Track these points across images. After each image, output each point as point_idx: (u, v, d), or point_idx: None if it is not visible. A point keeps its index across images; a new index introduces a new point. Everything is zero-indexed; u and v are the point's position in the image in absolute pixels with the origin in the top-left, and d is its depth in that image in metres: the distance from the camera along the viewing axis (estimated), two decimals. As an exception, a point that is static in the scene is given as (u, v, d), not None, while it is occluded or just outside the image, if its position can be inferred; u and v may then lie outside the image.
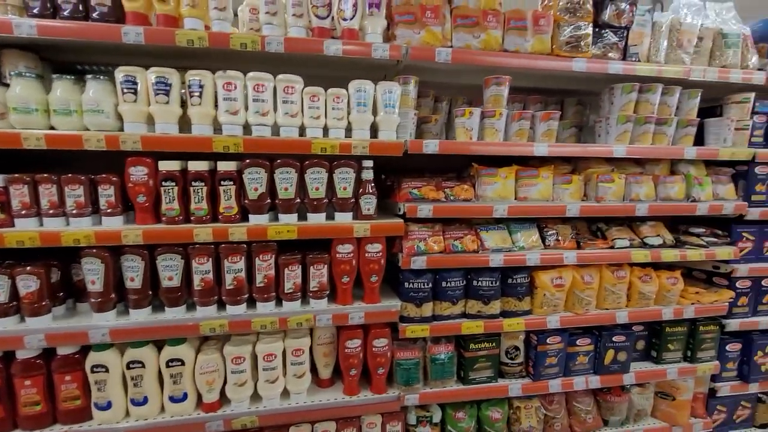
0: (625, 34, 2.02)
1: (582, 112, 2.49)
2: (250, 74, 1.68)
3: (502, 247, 2.04)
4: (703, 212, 2.22)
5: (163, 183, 1.68)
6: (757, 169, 2.30)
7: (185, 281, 1.78)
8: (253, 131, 1.73)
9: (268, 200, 1.79)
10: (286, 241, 1.81)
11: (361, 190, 1.87)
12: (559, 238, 2.16)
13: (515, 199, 2.09)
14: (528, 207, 2.03)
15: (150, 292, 1.77)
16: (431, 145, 1.87)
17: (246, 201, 1.77)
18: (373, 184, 1.89)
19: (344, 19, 1.77)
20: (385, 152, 1.84)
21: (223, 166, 1.72)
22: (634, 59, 2.05)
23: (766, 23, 2.23)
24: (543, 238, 2.16)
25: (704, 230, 2.36)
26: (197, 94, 1.65)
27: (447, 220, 2.11)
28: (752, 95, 2.21)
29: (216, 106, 1.70)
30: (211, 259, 1.76)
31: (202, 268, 1.76)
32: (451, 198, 1.99)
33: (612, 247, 2.18)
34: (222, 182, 1.73)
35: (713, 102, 2.35)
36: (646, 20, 2.03)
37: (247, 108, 1.72)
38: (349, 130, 1.85)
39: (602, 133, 2.19)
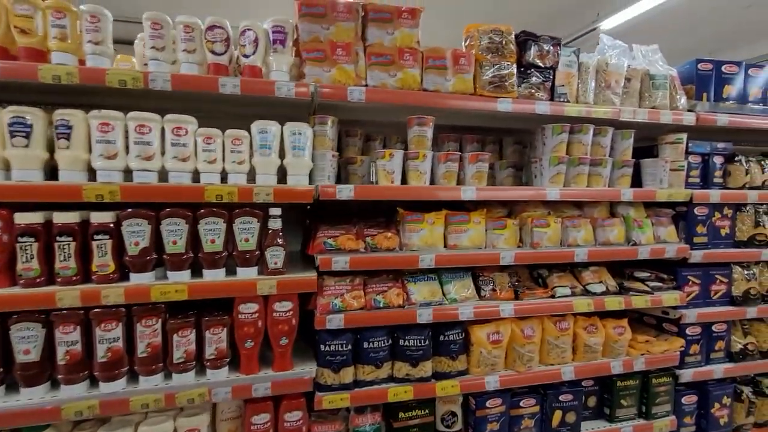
0: (551, 75, 1.95)
1: (521, 151, 2.39)
2: (132, 114, 1.48)
3: (432, 300, 1.84)
4: (645, 256, 2.11)
5: (20, 239, 1.42)
6: (696, 210, 2.22)
7: (47, 355, 1.48)
8: (134, 177, 1.51)
9: (154, 255, 1.55)
10: (184, 302, 1.56)
11: (267, 241, 1.66)
12: (496, 287, 1.99)
13: (445, 246, 1.92)
14: (458, 256, 1.86)
15: (1, 369, 1.46)
16: (345, 191, 1.69)
17: (126, 257, 1.52)
18: (281, 234, 1.68)
19: (245, 56, 1.62)
20: (292, 199, 1.65)
21: (98, 217, 1.48)
22: (562, 99, 1.97)
23: (692, 65, 2.23)
24: (478, 288, 1.98)
25: (649, 274, 2.24)
26: (65, 136, 1.43)
27: (373, 272, 1.91)
28: (685, 135, 2.17)
29: (90, 149, 1.48)
30: (79, 327, 1.49)
31: (68, 339, 1.47)
32: (372, 248, 1.80)
33: (552, 296, 2.02)
34: (95, 236, 1.48)
35: (652, 141, 2.30)
36: (572, 61, 1.97)
37: (128, 151, 1.51)
38: (253, 175, 1.66)
39: (537, 175, 2.08)
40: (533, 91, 1.92)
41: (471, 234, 1.92)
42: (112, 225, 1.50)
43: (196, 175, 1.59)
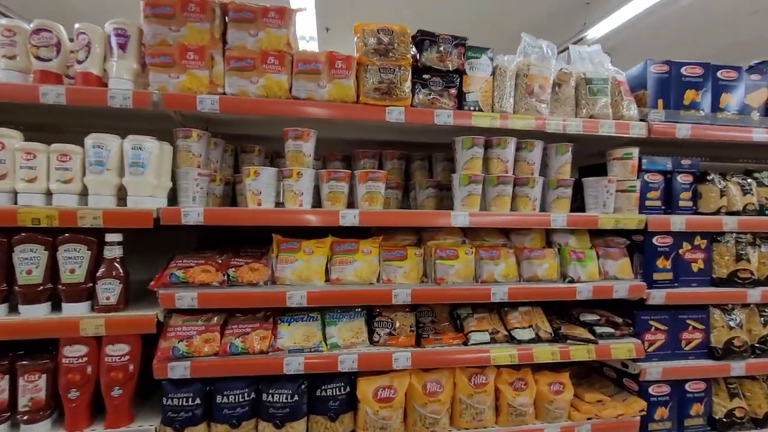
0: (458, 80, 1.67)
1: (452, 168, 2.08)
2: (-63, 127, 1.32)
3: (305, 345, 1.53)
4: (586, 296, 1.72)
5: None
6: (657, 240, 1.83)
7: None
8: (-63, 198, 1.33)
9: (-41, 287, 1.35)
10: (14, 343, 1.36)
11: (100, 272, 1.43)
12: (395, 331, 1.65)
13: (326, 281, 1.62)
14: (337, 292, 1.56)
15: None
16: (193, 214, 1.45)
17: (-77, 289, 1.32)
18: (119, 264, 1.44)
19: (78, 62, 1.44)
20: (127, 223, 1.42)
21: None
22: (473, 108, 1.67)
23: (644, 67, 1.87)
24: (372, 332, 1.65)
25: (598, 318, 1.84)
26: None
27: (244, 309, 1.63)
28: (635, 150, 1.80)
29: None
30: None
31: None
32: (233, 281, 1.53)
33: (465, 343, 1.66)
34: None
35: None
36: (484, 63, 1.69)
37: (-67, 169, 1.33)
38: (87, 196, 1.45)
39: (454, 196, 1.76)
40: (435, 98, 1.63)
41: (358, 266, 1.62)
42: None
43: (16, 196, 1.40)
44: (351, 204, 1.86)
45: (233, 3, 1.51)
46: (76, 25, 1.42)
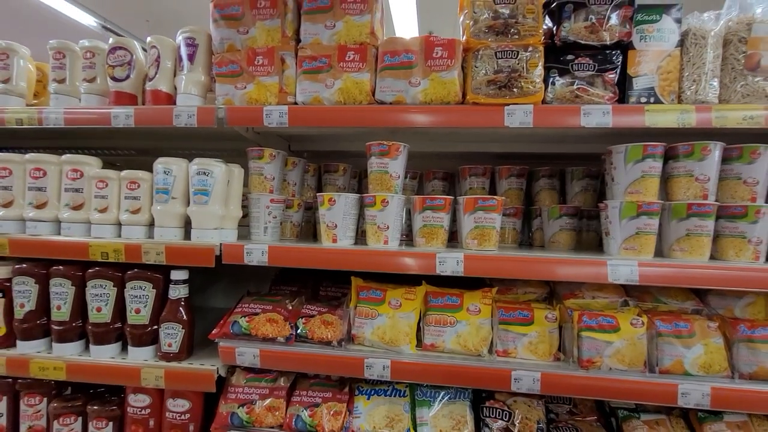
0: (619, 59, 1.10)
1: (596, 188, 1.50)
2: (29, 156, 1.31)
3: (387, 433, 1.14)
4: None
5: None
6: None
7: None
8: (26, 228, 1.31)
9: (44, 320, 1.31)
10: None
11: (163, 314, 1.26)
12: (514, 425, 1.15)
13: (418, 347, 1.20)
14: (431, 366, 1.12)
15: None
16: (256, 253, 1.18)
17: (14, 321, 1.31)
18: (183, 308, 1.26)
19: (149, 79, 1.30)
20: (187, 261, 1.22)
21: (-12, 272, 1.32)
22: (645, 99, 1.09)
23: None
24: (480, 422, 1.18)
25: None
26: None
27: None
28: None
29: (-5, 196, 1.35)
30: (-37, 397, 1.32)
31: (-46, 408, 1.32)
32: (301, 336, 1.22)
33: (629, 465, 1.07)
34: (-14, 294, 1.32)
35: None
36: (664, 30, 1.08)
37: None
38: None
39: (607, 234, 1.19)
40: (581, 88, 1.10)
41: (462, 330, 1.16)
42: (7, 282, 1.32)
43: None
44: (453, 236, 1.43)
45: (308, -9, 1.22)
46: (149, 39, 1.29)
